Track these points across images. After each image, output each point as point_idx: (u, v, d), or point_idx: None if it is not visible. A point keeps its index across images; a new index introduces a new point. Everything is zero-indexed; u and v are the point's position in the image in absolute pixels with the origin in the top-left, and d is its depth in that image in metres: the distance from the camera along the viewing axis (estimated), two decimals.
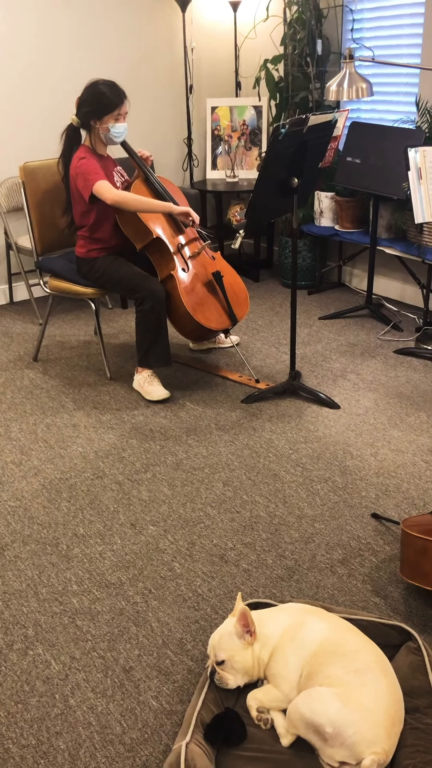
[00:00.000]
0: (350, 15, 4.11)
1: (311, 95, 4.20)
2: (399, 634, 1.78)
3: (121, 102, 3.01)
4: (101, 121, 3.03)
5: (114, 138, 3.08)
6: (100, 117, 3.02)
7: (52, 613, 2.02)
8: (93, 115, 3.02)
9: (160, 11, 4.54)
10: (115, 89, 3.01)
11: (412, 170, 3.09)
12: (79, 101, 3.04)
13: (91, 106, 3.01)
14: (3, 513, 2.47)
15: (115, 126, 3.05)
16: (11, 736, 1.67)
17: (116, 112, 3.02)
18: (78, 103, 3.05)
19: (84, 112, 3.03)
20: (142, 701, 1.75)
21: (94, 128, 3.07)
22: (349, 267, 4.57)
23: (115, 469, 2.71)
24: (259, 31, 4.69)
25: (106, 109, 3.00)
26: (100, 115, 3.02)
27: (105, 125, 3.04)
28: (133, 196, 2.99)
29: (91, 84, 3.02)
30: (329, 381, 3.34)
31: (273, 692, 1.63)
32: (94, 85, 3.01)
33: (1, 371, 3.56)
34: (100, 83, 3.01)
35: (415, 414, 3.02)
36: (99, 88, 3.00)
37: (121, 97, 3.01)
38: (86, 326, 4.12)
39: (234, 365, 3.54)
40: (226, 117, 4.82)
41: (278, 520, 2.39)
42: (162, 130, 4.81)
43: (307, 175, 2.92)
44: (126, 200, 2.97)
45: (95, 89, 3.00)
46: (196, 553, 2.25)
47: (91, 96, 3.00)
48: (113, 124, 3.04)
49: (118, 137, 3.09)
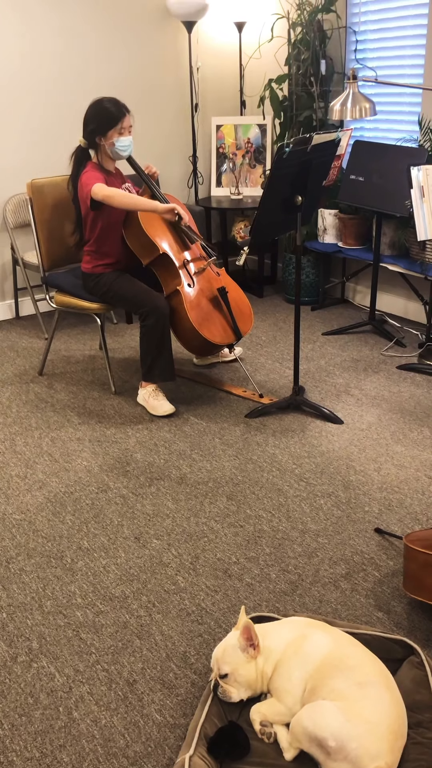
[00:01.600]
0: (353, 36, 4.17)
1: (315, 114, 4.25)
2: (402, 649, 1.78)
3: (122, 115, 3.06)
4: (106, 137, 3.08)
5: (120, 152, 3.13)
6: (104, 132, 3.07)
7: (56, 626, 2.03)
8: (97, 131, 3.08)
9: (167, 32, 4.62)
10: (116, 104, 3.06)
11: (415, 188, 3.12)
12: (84, 121, 3.09)
13: (95, 123, 3.06)
14: (8, 526, 2.48)
15: (119, 140, 3.09)
16: (15, 749, 1.67)
17: (119, 125, 3.07)
18: (83, 123, 3.10)
19: (89, 131, 3.08)
20: (145, 714, 1.75)
21: (100, 145, 3.11)
22: (353, 283, 4.60)
23: (120, 482, 2.72)
24: (263, 52, 4.76)
25: (109, 123, 3.05)
26: (104, 130, 3.07)
27: (110, 140, 3.09)
28: (120, 192, 3.01)
29: (94, 102, 3.09)
30: (332, 396, 3.35)
31: (276, 706, 1.64)
32: (96, 103, 3.08)
33: (6, 385, 3.58)
34: (103, 100, 3.07)
35: (418, 429, 3.03)
36: (100, 105, 3.06)
37: (122, 111, 3.06)
38: (91, 341, 4.15)
39: (238, 380, 3.56)
40: (231, 135, 4.88)
41: (282, 534, 2.40)
42: (168, 147, 4.87)
43: (310, 193, 2.95)
44: (113, 196, 2.99)
45: (97, 106, 3.07)
46: (200, 567, 2.25)
47: (93, 113, 3.06)
48: (117, 138, 3.09)
49: (124, 151, 3.13)
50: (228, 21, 4.82)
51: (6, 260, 4.42)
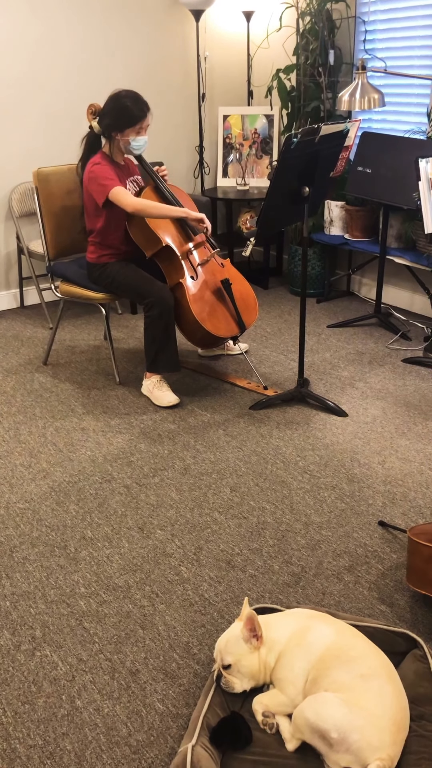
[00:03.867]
0: (363, 26, 4.14)
1: (323, 105, 4.22)
2: (405, 642, 1.78)
3: (144, 116, 3.01)
4: (123, 134, 3.04)
5: (134, 150, 3.10)
6: (122, 130, 3.03)
7: (59, 615, 2.03)
8: (115, 127, 3.02)
9: (175, 21, 4.59)
10: (138, 102, 2.99)
11: (423, 180, 3.10)
12: (102, 112, 3.04)
13: (114, 118, 3.00)
14: (12, 515, 2.49)
15: (136, 139, 3.05)
16: (18, 736, 1.68)
17: (138, 125, 3.02)
18: (100, 114, 3.05)
19: (106, 124, 3.03)
20: (148, 704, 1.76)
21: (115, 139, 3.08)
22: (359, 276, 4.59)
23: (124, 473, 2.72)
24: (271, 41, 4.72)
25: (129, 122, 3.01)
26: (122, 128, 3.02)
27: (126, 138, 3.05)
28: (152, 203, 3.00)
29: (115, 95, 3.01)
30: (337, 389, 3.35)
31: (279, 697, 1.64)
32: (118, 98, 3.00)
33: (11, 375, 3.58)
34: (124, 95, 2.99)
35: (423, 423, 3.02)
36: (123, 102, 2.98)
37: (144, 111, 3.01)
38: (96, 331, 4.14)
39: (242, 372, 3.56)
40: (238, 125, 4.85)
41: (285, 526, 2.40)
42: (174, 137, 4.84)
43: (318, 184, 2.94)
44: (145, 207, 2.98)
45: (119, 102, 2.99)
46: (203, 558, 2.26)
47: (113, 109, 3.00)
48: (134, 137, 3.05)
49: (138, 150, 3.10)
50: (236, 10, 4.78)
51: (11, 249, 4.41)
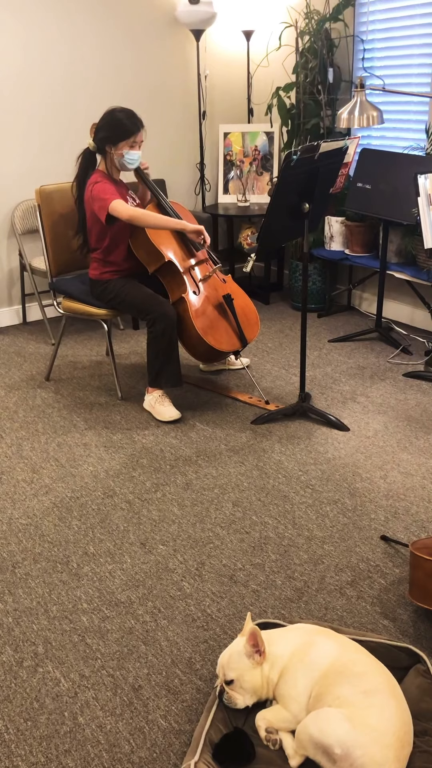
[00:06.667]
0: (361, 45, 4.19)
1: (322, 122, 4.26)
2: (408, 657, 1.78)
3: (137, 130, 3.08)
4: (116, 147, 3.10)
5: (127, 164, 3.15)
6: (115, 143, 3.09)
7: (62, 631, 2.03)
8: (109, 140, 3.09)
9: (176, 40, 4.64)
10: (132, 118, 3.08)
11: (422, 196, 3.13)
12: (96, 127, 3.11)
13: (108, 131, 3.08)
14: (14, 531, 2.49)
15: (129, 153, 3.11)
16: (20, 753, 1.67)
17: (131, 139, 3.09)
18: (95, 129, 3.12)
19: (100, 138, 3.10)
20: (150, 720, 1.75)
21: (109, 153, 3.13)
22: (359, 291, 4.61)
23: (126, 488, 2.73)
24: (271, 60, 4.78)
25: (122, 135, 3.07)
26: (116, 141, 3.08)
27: (120, 151, 3.11)
28: (148, 213, 3.04)
29: (110, 111, 3.10)
30: (339, 403, 3.35)
31: (282, 712, 1.63)
32: (113, 112, 3.09)
33: (13, 390, 3.59)
34: (118, 111, 3.08)
35: (425, 437, 3.03)
36: (116, 115, 3.07)
37: (137, 126, 3.08)
38: (98, 347, 4.16)
39: (244, 386, 3.57)
40: (239, 142, 4.90)
41: (287, 541, 2.40)
42: (175, 154, 4.89)
43: (318, 201, 2.96)
44: (140, 216, 3.02)
45: (113, 116, 3.08)
46: (206, 573, 2.26)
47: (108, 122, 3.08)
48: (128, 151, 3.11)
49: (131, 164, 3.16)
50: (236, 29, 4.84)
51: (14, 266, 4.44)
